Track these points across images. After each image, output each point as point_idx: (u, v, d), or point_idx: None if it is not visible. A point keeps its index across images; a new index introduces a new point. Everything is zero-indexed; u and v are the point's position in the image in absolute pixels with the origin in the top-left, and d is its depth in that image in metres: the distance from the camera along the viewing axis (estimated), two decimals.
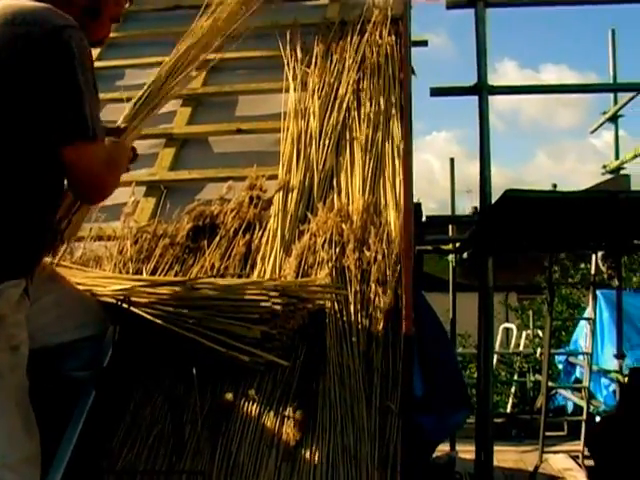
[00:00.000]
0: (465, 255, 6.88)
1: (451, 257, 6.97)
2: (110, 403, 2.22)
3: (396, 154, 3.10)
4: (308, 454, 2.12)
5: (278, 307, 2.25)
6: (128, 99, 3.80)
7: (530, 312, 10.92)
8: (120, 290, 2.37)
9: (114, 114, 3.77)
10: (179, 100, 3.80)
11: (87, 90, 1.88)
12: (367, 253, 2.66)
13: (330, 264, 2.63)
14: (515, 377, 10.24)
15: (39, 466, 1.89)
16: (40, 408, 1.96)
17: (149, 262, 2.76)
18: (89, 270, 2.68)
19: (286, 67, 3.70)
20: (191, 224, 2.88)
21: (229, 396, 2.27)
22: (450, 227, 6.76)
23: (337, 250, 2.69)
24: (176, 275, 2.67)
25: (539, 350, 9.99)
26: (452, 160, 7.25)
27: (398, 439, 2.13)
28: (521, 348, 10.47)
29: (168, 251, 2.79)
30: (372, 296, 2.53)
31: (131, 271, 2.72)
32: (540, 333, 10.68)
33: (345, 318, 2.46)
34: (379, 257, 2.64)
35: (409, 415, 2.16)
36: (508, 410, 9.44)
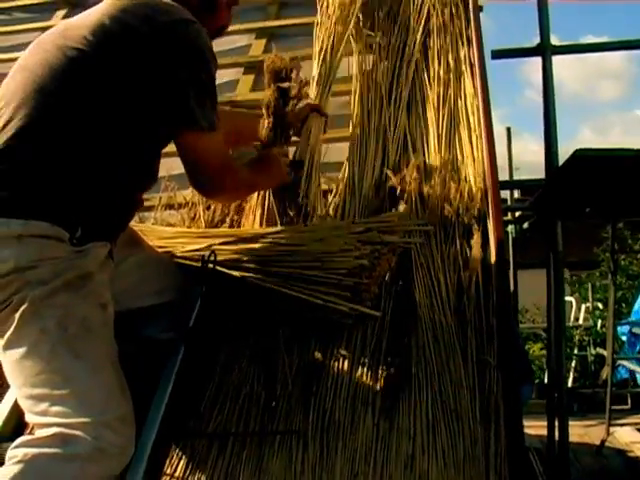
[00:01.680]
0: (526, 225, 6.75)
1: (510, 228, 6.83)
2: (198, 363, 2.18)
3: (470, 111, 3.01)
4: (406, 410, 2.05)
5: (365, 260, 2.17)
6: None
7: (589, 285, 10.75)
8: (202, 248, 2.31)
9: None
10: (240, 68, 3.75)
11: (206, 84, 1.99)
12: (449, 208, 2.58)
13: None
14: (575, 351, 10.08)
15: (134, 427, 1.85)
16: (125, 371, 1.92)
17: (223, 226, 2.70)
18: (167, 229, 2.63)
19: (349, 30, 3.61)
20: None
21: (318, 354, 2.21)
22: (509, 197, 6.64)
23: (418, 205, 2.61)
24: None
25: (600, 322, 9.84)
26: (509, 129, 7.12)
27: (499, 393, 2.05)
28: (580, 321, 10.31)
29: (241, 214, 2.73)
30: (458, 250, 2.45)
31: None
32: (600, 306, 10.52)
33: (433, 273, 2.38)
34: (462, 211, 2.56)
35: (509, 368, 2.08)
36: (569, 385, 9.28)
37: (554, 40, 4.05)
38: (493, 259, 2.36)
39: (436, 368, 2.13)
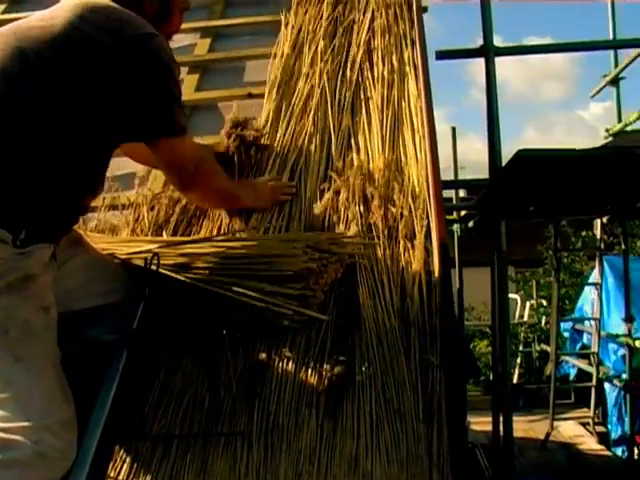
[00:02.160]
0: (471, 224, 6.83)
1: (456, 227, 6.90)
2: (142, 366, 2.17)
3: (413, 112, 3.03)
4: (350, 411, 2.06)
5: (313, 264, 2.19)
6: None
7: (533, 282, 10.91)
8: (145, 251, 2.30)
9: None
10: (185, 68, 3.72)
11: (174, 92, 2.10)
12: (393, 209, 2.60)
13: (356, 221, 2.57)
14: (520, 347, 10.24)
15: (76, 430, 1.84)
16: (68, 373, 1.90)
17: (168, 227, 2.68)
18: (108, 236, 2.62)
19: (291, 31, 3.62)
20: None
21: (263, 356, 2.22)
22: (454, 196, 6.70)
23: (362, 208, 2.62)
24: None
25: (544, 319, 9.99)
26: (454, 129, 7.19)
27: (442, 392, 2.07)
28: (525, 318, 10.47)
29: (187, 214, 2.72)
30: (402, 251, 2.47)
31: (149, 236, 2.65)
32: (544, 303, 10.69)
33: (376, 274, 2.39)
34: (405, 213, 2.58)
35: (452, 368, 2.10)
36: (515, 381, 9.42)
37: (497, 41, 4.10)
38: (436, 260, 2.38)
39: (380, 368, 2.15)
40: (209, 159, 2.48)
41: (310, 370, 2.17)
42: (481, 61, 4.02)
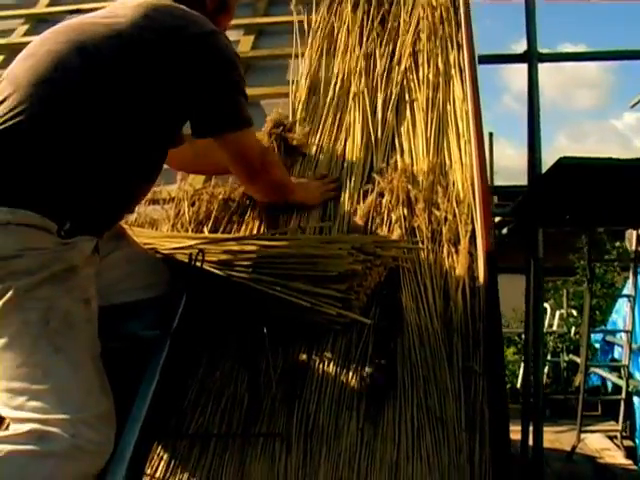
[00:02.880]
0: (505, 230, 6.75)
1: None
2: (182, 362, 2.15)
3: (459, 115, 3.00)
4: (391, 415, 2.03)
5: (358, 266, 2.16)
6: None
7: (564, 291, 10.81)
8: (187, 247, 2.28)
9: None
10: None
11: (240, 87, 2.15)
12: (437, 213, 2.57)
13: (399, 224, 2.54)
14: (548, 357, 10.14)
15: (114, 425, 1.82)
16: (107, 368, 1.89)
17: (208, 223, 2.67)
18: (149, 231, 2.61)
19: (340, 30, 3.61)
20: None
21: (303, 357, 2.19)
22: None
23: (405, 210, 2.59)
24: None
25: (573, 329, 9.90)
26: (491, 134, 7.11)
27: (484, 400, 2.04)
28: (555, 328, 10.37)
29: (228, 212, 2.70)
30: (445, 256, 2.44)
31: (190, 232, 2.64)
32: (575, 313, 10.58)
33: (419, 278, 2.37)
34: (449, 217, 2.55)
35: (495, 376, 2.07)
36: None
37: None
38: (481, 266, 2.35)
39: (422, 373, 2.12)
40: (271, 151, 2.62)
41: (351, 373, 2.14)
42: (516, 67, 3.99)
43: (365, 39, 3.47)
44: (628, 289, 7.33)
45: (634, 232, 6.84)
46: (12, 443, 1.68)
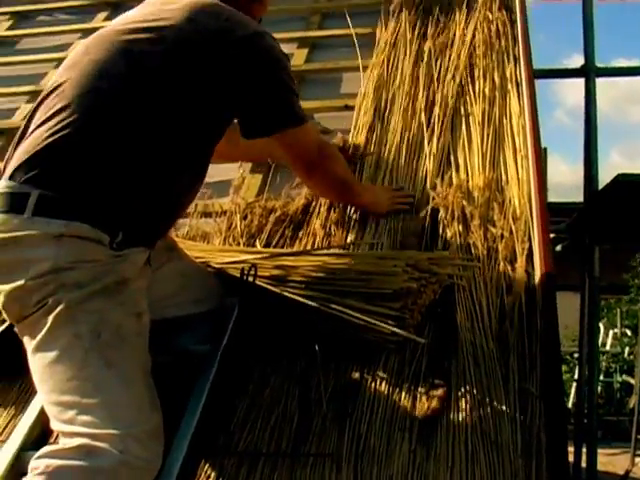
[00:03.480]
0: (559, 248, 6.66)
1: None
2: (232, 378, 2.12)
3: (515, 131, 2.94)
4: (444, 438, 1.97)
5: (413, 283, 2.12)
6: None
7: (617, 310, 10.63)
8: (240, 261, 2.26)
9: None
10: None
11: (289, 85, 2.12)
12: (493, 230, 2.51)
13: (454, 240, 2.49)
14: (601, 377, 9.96)
15: (163, 441, 1.79)
16: (157, 382, 1.86)
17: (261, 236, 2.66)
18: (201, 244, 2.60)
19: (390, 44, 3.59)
20: (304, 200, 2.77)
21: (355, 376, 2.15)
22: None
23: (460, 227, 2.54)
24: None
25: (627, 350, 9.71)
26: (545, 150, 7.02)
27: (542, 425, 1.97)
28: (608, 347, 10.19)
29: (281, 226, 2.68)
30: (502, 274, 2.38)
31: (242, 246, 2.62)
32: (628, 332, 10.39)
33: (474, 296, 2.31)
34: (506, 234, 2.50)
35: (553, 399, 2.00)
36: None
37: (581, 61, 4.01)
38: (539, 285, 2.29)
39: (476, 395, 2.06)
40: (331, 146, 2.59)
41: (403, 393, 2.09)
42: (568, 82, 3.95)
43: (422, 53, 3.45)
44: None
45: None
46: (61, 458, 1.67)
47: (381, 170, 2.87)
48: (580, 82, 4.04)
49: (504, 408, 2.03)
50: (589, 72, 4.08)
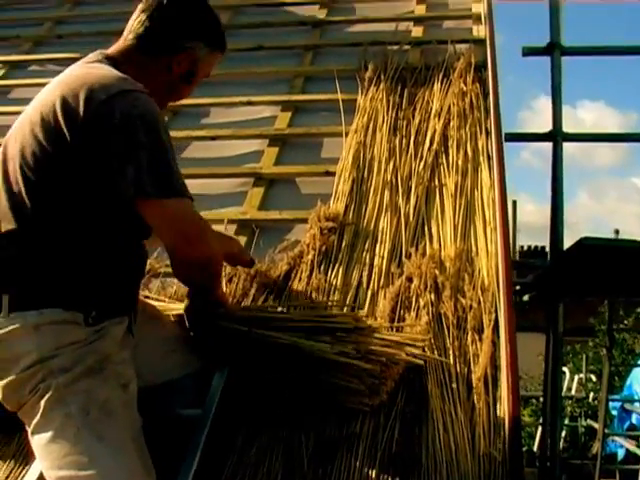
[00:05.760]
0: (526, 297, 6.87)
1: None
2: (220, 440, 2.28)
3: (486, 203, 3.14)
4: None
5: (376, 366, 2.33)
6: (213, 138, 3.95)
7: (583, 356, 10.84)
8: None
9: (200, 151, 3.92)
10: (265, 140, 3.90)
11: (152, 150, 1.93)
12: (463, 300, 2.70)
13: (426, 310, 2.67)
14: (566, 421, 10.13)
15: None
16: (150, 447, 2.02)
17: (246, 300, 2.81)
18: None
19: (368, 112, 3.78)
20: (287, 266, 2.93)
21: (333, 436, 2.32)
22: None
23: (433, 296, 2.73)
24: None
25: (592, 395, 9.90)
26: (515, 202, 7.27)
27: None
28: (573, 392, 10.38)
29: (264, 291, 2.84)
30: (469, 343, 2.57)
31: None
32: (593, 378, 10.59)
33: (444, 365, 2.50)
34: (474, 305, 2.68)
35: (515, 464, 2.18)
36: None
37: (546, 101, 4.18)
38: (503, 354, 2.46)
39: (445, 459, 2.23)
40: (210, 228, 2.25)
41: (378, 454, 2.26)
42: (535, 122, 4.12)
43: (399, 122, 3.65)
44: None
45: None
46: None
47: (359, 238, 3.05)
48: (547, 121, 4.18)
49: (470, 472, 2.20)
50: (556, 137, 4.25)
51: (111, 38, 2.34)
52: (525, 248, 17.79)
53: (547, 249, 4.58)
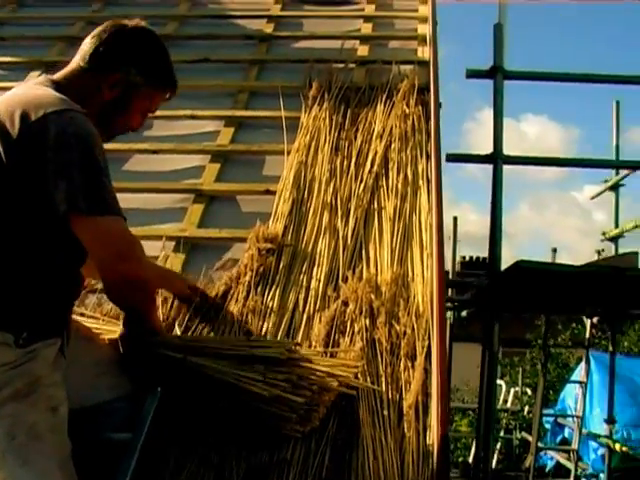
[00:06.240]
0: (464, 313, 7.00)
1: (449, 314, 7.06)
2: (149, 465, 2.27)
3: (424, 227, 3.18)
4: None
5: (308, 393, 2.34)
6: (155, 151, 3.93)
7: (520, 369, 11.01)
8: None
9: (142, 164, 3.89)
10: (207, 155, 3.89)
11: (85, 167, 1.97)
12: (397, 327, 2.73)
13: (361, 336, 2.70)
14: (501, 433, 10.29)
15: None
16: (80, 471, 2.02)
17: (180, 320, 2.80)
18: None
19: (310, 131, 3.80)
20: (224, 286, 2.93)
21: (264, 461, 2.32)
22: (450, 271, 6.91)
23: (367, 322, 2.75)
24: None
25: (527, 408, 10.07)
26: (455, 219, 7.35)
27: None
28: (509, 405, 10.55)
29: (201, 310, 2.84)
30: (402, 370, 2.60)
31: None
32: (528, 391, 10.77)
33: (376, 391, 2.52)
34: (408, 331, 2.71)
35: None
36: (493, 466, 9.47)
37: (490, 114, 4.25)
38: (434, 383, 2.49)
39: None
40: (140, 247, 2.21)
41: None
42: (480, 135, 4.20)
43: (341, 142, 3.67)
44: (580, 373, 7.53)
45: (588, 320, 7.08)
46: None
47: (297, 260, 3.06)
48: (491, 134, 4.24)
49: None
50: (497, 160, 4.32)
51: (53, 42, 2.34)
52: (467, 259, 18.04)
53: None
